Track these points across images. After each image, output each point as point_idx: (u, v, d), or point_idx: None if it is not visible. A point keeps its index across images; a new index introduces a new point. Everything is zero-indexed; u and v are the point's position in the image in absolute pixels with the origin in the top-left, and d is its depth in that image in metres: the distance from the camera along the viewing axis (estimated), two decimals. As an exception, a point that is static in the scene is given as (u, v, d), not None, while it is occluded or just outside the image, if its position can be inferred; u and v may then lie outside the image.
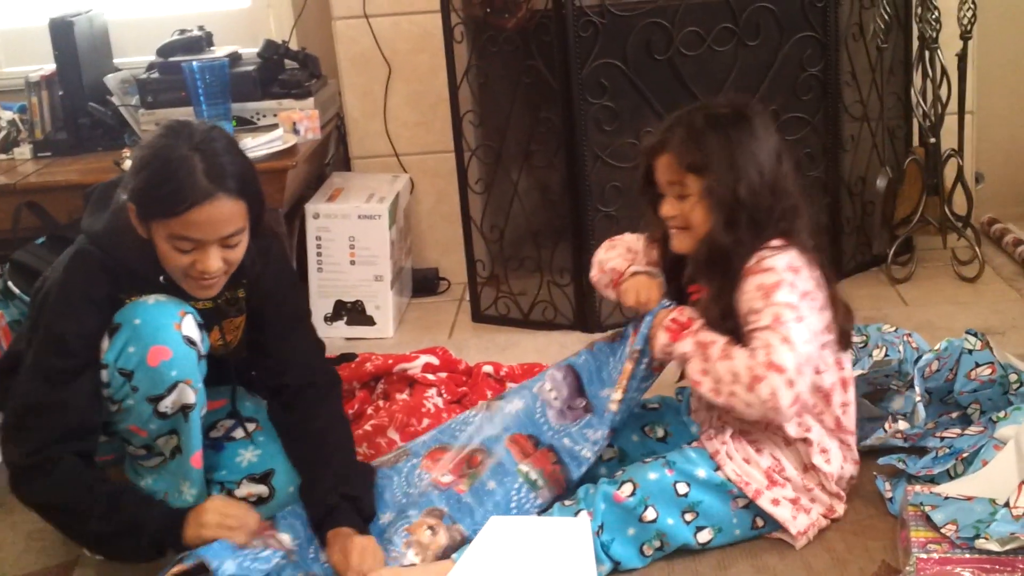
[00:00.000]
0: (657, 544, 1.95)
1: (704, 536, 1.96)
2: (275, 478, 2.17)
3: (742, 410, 1.89)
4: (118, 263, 2.05)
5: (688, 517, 1.95)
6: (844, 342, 2.02)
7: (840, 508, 2.03)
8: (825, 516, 2.01)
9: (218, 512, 2.01)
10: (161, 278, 2.06)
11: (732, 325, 1.96)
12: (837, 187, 3.18)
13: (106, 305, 2.04)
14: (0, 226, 3.01)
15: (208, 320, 2.14)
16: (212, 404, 2.23)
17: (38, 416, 2.01)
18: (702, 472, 1.95)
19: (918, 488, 1.97)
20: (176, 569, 1.92)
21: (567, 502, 1.98)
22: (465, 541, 1.97)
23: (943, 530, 1.84)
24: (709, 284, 2.01)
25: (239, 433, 2.24)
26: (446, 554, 1.95)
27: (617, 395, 2.08)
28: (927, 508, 1.89)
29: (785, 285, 1.90)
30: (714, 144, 1.95)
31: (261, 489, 2.16)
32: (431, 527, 1.99)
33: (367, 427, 2.49)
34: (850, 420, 2.06)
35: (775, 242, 1.96)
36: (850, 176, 3.23)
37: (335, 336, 3.12)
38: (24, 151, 3.37)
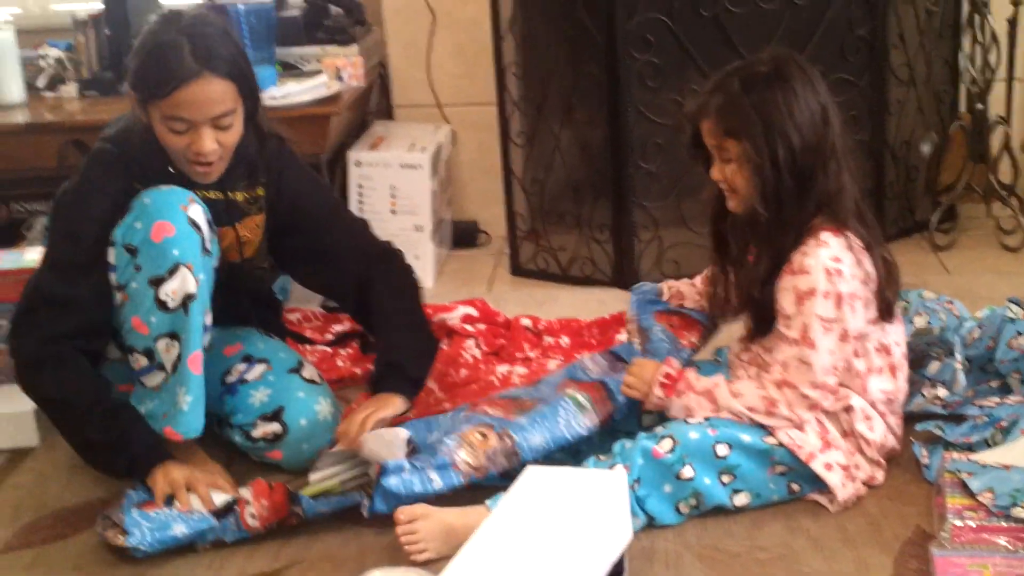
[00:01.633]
0: (693, 503, 1.95)
1: (740, 500, 1.97)
2: (286, 414, 2.20)
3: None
4: (129, 156, 2.12)
5: (725, 479, 1.95)
6: (887, 313, 1.99)
7: (880, 476, 2.03)
8: (866, 483, 2.01)
9: (184, 479, 2.04)
10: (170, 168, 2.12)
11: (767, 298, 1.97)
12: (881, 151, 3.16)
13: (121, 199, 2.09)
14: (46, 163, 3.04)
15: (225, 217, 2.18)
16: (228, 349, 2.29)
17: (50, 308, 2.07)
18: (747, 437, 1.95)
19: (955, 455, 1.97)
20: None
21: (602, 456, 1.99)
22: (515, 449, 1.99)
23: (979, 498, 1.84)
24: (756, 248, 2.02)
25: (251, 375, 2.27)
26: (495, 457, 1.98)
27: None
28: (964, 475, 1.89)
29: (818, 295, 1.90)
30: (749, 108, 1.92)
31: (275, 427, 2.20)
32: (482, 432, 2.02)
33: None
34: (896, 401, 2.05)
35: (821, 220, 1.94)
36: (895, 140, 3.20)
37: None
38: (70, 89, 3.39)
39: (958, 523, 1.80)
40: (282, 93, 2.98)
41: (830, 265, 1.91)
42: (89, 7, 3.44)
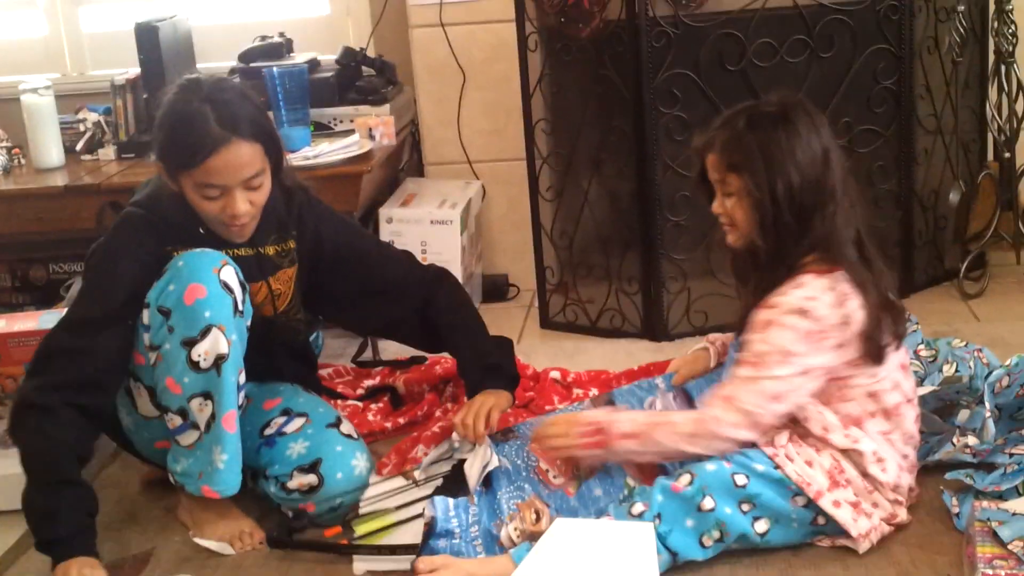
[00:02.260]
0: (716, 535, 1.94)
1: (761, 526, 1.95)
2: (323, 466, 2.22)
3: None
4: (160, 218, 2.16)
5: (745, 508, 1.94)
6: (875, 357, 1.99)
7: (902, 514, 2.02)
8: (887, 522, 2.00)
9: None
10: (201, 229, 2.17)
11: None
12: (910, 200, 3.17)
13: (148, 260, 2.14)
14: (85, 225, 3.10)
15: (257, 272, 2.22)
16: (267, 403, 2.32)
17: (55, 359, 2.10)
18: (760, 467, 1.96)
19: (985, 504, 1.96)
20: None
21: (622, 498, 2.00)
22: None
23: (1010, 546, 1.83)
24: (747, 282, 2.07)
25: (290, 428, 2.29)
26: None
27: None
28: (994, 524, 1.88)
29: (782, 327, 1.94)
30: (753, 144, 1.97)
31: (311, 479, 2.21)
32: (538, 511, 2.04)
33: (435, 428, 2.53)
34: (904, 436, 2.04)
35: (814, 258, 1.97)
36: (923, 190, 3.21)
37: (405, 340, 3.16)
38: (108, 152, 3.47)
39: (988, 572, 1.79)
40: (315, 153, 3.04)
41: (802, 304, 1.94)
42: (127, 71, 3.52)
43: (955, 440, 2.16)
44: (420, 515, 2.12)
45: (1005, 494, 2.03)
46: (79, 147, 3.52)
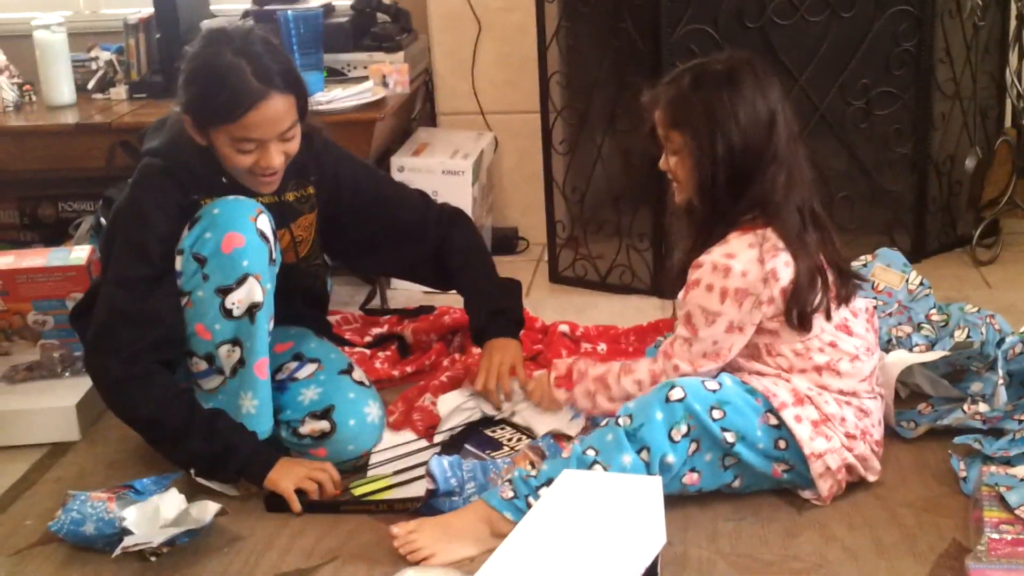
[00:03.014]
0: (684, 429, 1.91)
1: (729, 437, 1.94)
2: (335, 412, 2.22)
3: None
4: (181, 168, 2.14)
5: (716, 414, 1.93)
6: (801, 321, 1.97)
7: (860, 447, 2.00)
8: (848, 449, 1.99)
9: (307, 471, 2.10)
10: (223, 179, 2.14)
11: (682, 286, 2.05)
12: (925, 165, 3.14)
13: (176, 212, 2.12)
14: (95, 164, 3.10)
15: (279, 219, 2.20)
16: (279, 347, 2.30)
17: (127, 326, 2.08)
18: (729, 381, 1.97)
19: (993, 468, 1.96)
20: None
21: (603, 423, 2.00)
22: None
23: (1017, 511, 1.83)
24: (685, 239, 2.08)
25: (302, 373, 2.30)
26: None
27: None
28: (1002, 489, 1.88)
29: (701, 286, 1.96)
30: (695, 103, 1.96)
31: (323, 425, 2.22)
32: (532, 463, 2.05)
33: (443, 378, 2.53)
34: (843, 392, 2.02)
35: (751, 217, 1.97)
36: (939, 155, 3.19)
37: (414, 289, 3.14)
38: (120, 91, 3.45)
39: (995, 536, 1.79)
40: (328, 98, 3.02)
41: (719, 261, 1.96)
42: (140, 11, 3.49)
43: (966, 407, 2.16)
44: (419, 477, 2.12)
45: (1013, 460, 2.02)
46: (91, 85, 3.50)
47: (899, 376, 2.22)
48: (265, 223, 2.11)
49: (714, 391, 1.95)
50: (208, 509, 2.00)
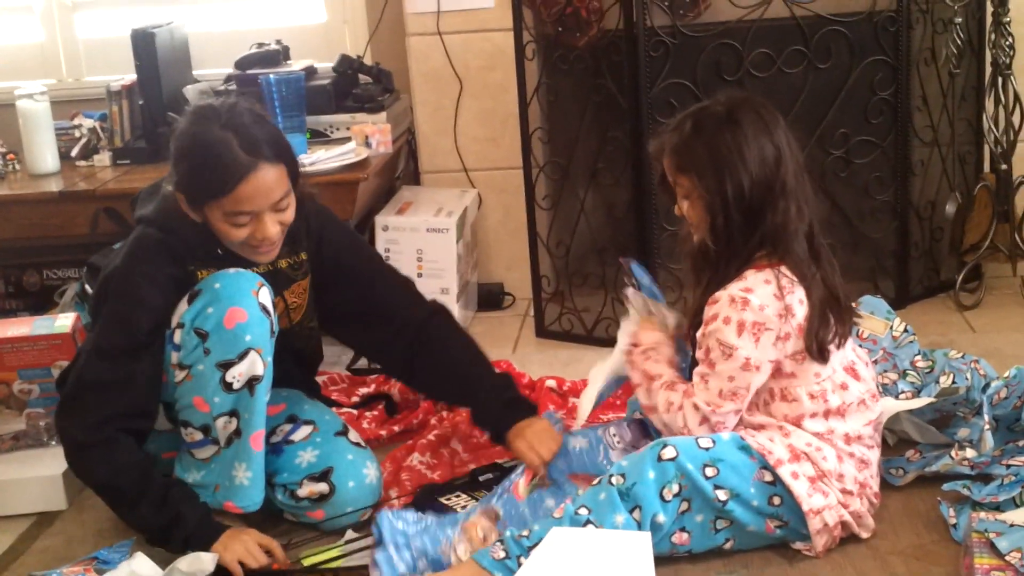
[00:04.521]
0: (676, 488, 1.91)
1: (722, 495, 1.94)
2: (334, 475, 2.21)
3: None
4: (176, 239, 2.13)
5: (709, 472, 1.93)
6: (818, 354, 1.99)
7: (855, 504, 2.00)
8: (844, 506, 1.99)
9: (252, 542, 2.07)
10: (219, 250, 2.14)
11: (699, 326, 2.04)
12: (906, 212, 3.16)
13: (168, 284, 2.11)
14: (79, 231, 3.10)
15: (273, 288, 2.19)
16: (271, 409, 2.27)
17: (98, 392, 2.08)
18: (725, 435, 1.98)
19: (983, 515, 1.95)
20: None
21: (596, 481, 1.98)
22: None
23: (1007, 557, 1.82)
24: (697, 281, 2.09)
25: (297, 435, 2.29)
26: None
27: None
28: (992, 535, 1.87)
29: (719, 321, 1.97)
30: (700, 147, 1.99)
31: (322, 487, 2.21)
32: (484, 529, 2.03)
33: (430, 437, 2.52)
34: (848, 436, 2.03)
35: (763, 254, 1.99)
36: (919, 201, 3.21)
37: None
38: (104, 158, 3.46)
39: (986, 584, 1.79)
40: (311, 160, 3.03)
41: (736, 295, 1.96)
42: (123, 78, 3.51)
43: (954, 453, 2.16)
44: (370, 546, 2.07)
45: (1003, 505, 2.03)
46: (74, 153, 3.52)
47: (886, 423, 2.22)
48: (266, 296, 2.10)
49: (707, 449, 1.94)
50: (203, 560, 1.99)
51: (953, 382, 2.36)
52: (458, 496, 2.28)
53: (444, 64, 3.42)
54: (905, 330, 2.59)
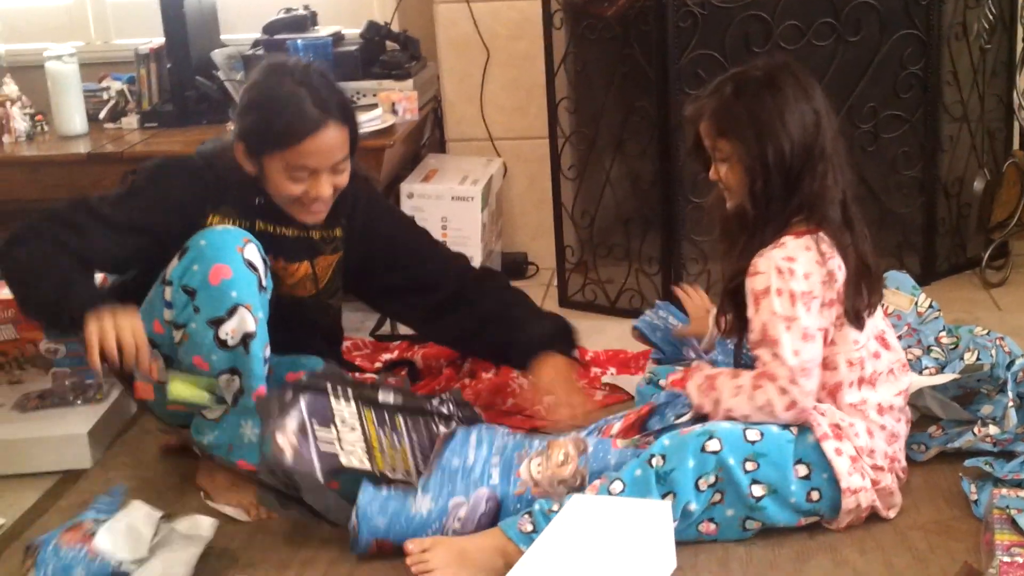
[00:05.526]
0: (712, 479, 1.92)
1: (758, 490, 1.94)
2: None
3: (753, 418, 1.97)
4: (215, 176, 2.18)
5: (749, 466, 1.93)
6: (854, 319, 1.99)
7: (886, 479, 2.00)
8: (874, 483, 1.99)
9: (127, 328, 1.99)
10: (258, 200, 2.17)
11: (738, 290, 2.02)
12: (933, 188, 3.15)
13: (174, 208, 2.16)
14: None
15: (302, 252, 2.22)
16: (290, 375, 2.26)
17: (55, 220, 2.10)
18: (775, 428, 1.96)
19: (1004, 491, 1.95)
20: None
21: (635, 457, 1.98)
22: (580, 490, 1.98)
23: (1028, 534, 1.83)
24: (733, 243, 2.08)
25: None
26: (555, 486, 1.98)
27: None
28: (1013, 512, 1.87)
29: (772, 294, 1.95)
30: (741, 110, 1.99)
31: None
32: (567, 455, 2.02)
33: (453, 404, 2.53)
34: (881, 407, 2.03)
35: (799, 219, 1.98)
36: (947, 177, 3.19)
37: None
38: (131, 121, 3.47)
39: (1006, 559, 1.78)
40: (337, 126, 3.03)
41: (781, 264, 1.95)
42: (151, 41, 3.52)
43: (977, 430, 2.15)
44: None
45: (1024, 482, 2.02)
46: (102, 115, 3.53)
47: (909, 399, 2.22)
48: (253, 252, 2.11)
49: (754, 442, 1.93)
50: (201, 525, 1.99)
51: (978, 359, 2.35)
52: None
53: (471, 32, 3.41)
54: (930, 306, 2.58)
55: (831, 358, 2.01)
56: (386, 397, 2.17)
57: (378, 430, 2.12)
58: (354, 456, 2.05)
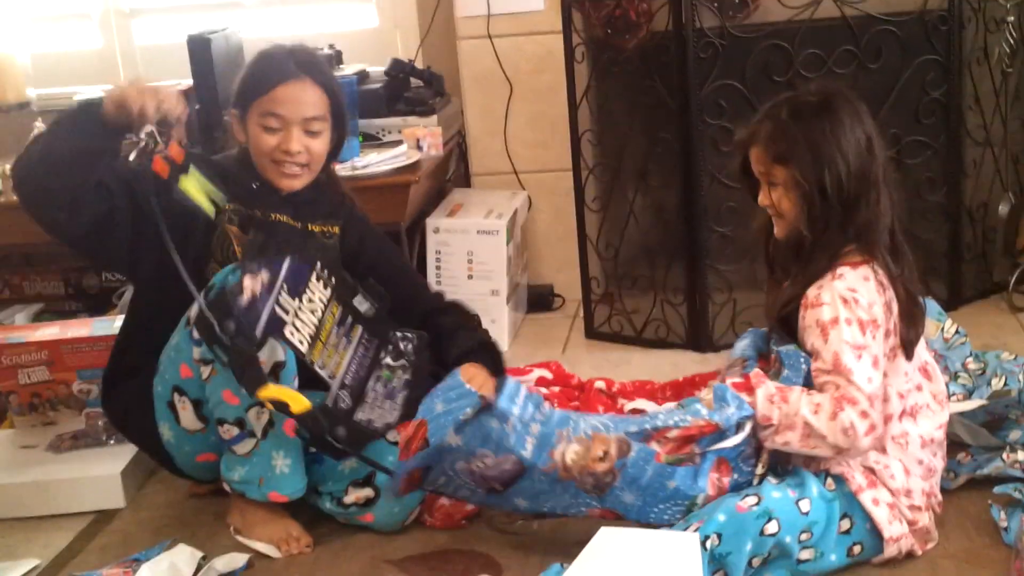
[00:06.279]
0: (766, 555, 1.91)
1: (805, 555, 1.94)
2: (377, 478, 2.22)
3: (821, 445, 1.90)
4: (220, 167, 2.26)
5: (803, 537, 1.92)
6: (907, 348, 1.99)
7: (923, 519, 1.99)
8: (911, 524, 1.98)
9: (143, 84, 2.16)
10: (254, 184, 2.25)
11: (788, 317, 2.01)
12: (958, 213, 3.14)
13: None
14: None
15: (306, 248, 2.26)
16: None
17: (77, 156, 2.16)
18: (815, 488, 1.94)
19: (1034, 518, 1.95)
20: None
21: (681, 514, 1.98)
22: (607, 488, 1.97)
23: (1058, 561, 1.82)
24: (786, 272, 2.07)
25: None
26: (584, 477, 1.96)
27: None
28: (1043, 538, 1.86)
29: (841, 323, 1.92)
30: (797, 135, 1.97)
31: (367, 492, 2.22)
32: (606, 454, 1.97)
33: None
34: (921, 440, 2.01)
35: (852, 248, 1.97)
36: (972, 202, 3.19)
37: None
38: (161, 162, 3.51)
39: (1037, 587, 1.78)
40: (363, 163, 3.07)
41: (846, 294, 1.94)
42: (179, 83, 3.56)
43: (1005, 456, 2.15)
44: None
45: (1054, 509, 2.01)
46: (132, 157, 3.56)
47: (937, 426, 2.21)
48: None
49: (806, 514, 1.92)
50: (236, 559, 2.04)
51: (1005, 384, 2.34)
52: None
53: (494, 67, 3.45)
54: (956, 331, 2.57)
55: (885, 390, 1.99)
56: (360, 304, 2.22)
57: (334, 327, 2.15)
58: (298, 335, 2.07)
